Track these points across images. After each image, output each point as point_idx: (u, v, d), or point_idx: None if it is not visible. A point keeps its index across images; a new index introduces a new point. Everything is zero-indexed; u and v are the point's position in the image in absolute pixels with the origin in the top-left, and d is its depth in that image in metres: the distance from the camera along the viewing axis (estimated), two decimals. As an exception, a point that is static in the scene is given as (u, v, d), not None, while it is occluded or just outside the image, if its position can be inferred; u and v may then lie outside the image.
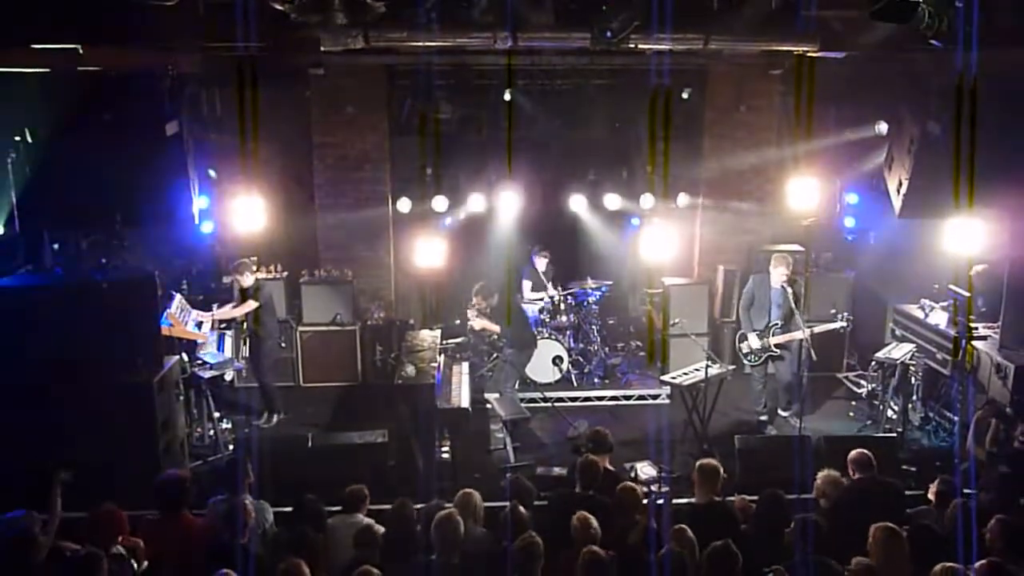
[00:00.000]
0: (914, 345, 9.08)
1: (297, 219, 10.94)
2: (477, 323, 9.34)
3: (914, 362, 9.01)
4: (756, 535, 5.36)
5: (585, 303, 10.84)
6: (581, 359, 10.59)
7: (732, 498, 6.13)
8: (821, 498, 5.95)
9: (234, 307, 9.35)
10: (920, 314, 9.18)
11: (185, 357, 8.50)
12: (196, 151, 8.71)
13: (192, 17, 7.00)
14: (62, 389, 7.13)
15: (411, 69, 9.78)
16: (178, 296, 8.99)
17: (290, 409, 9.60)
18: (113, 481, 6.32)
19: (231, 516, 5.16)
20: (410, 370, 7.84)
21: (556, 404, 9.69)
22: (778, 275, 8.87)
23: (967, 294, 8.52)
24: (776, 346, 8.92)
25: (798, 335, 8.69)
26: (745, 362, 9.29)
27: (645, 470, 7.87)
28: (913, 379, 9.10)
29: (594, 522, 5.08)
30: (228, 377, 9.87)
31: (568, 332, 10.55)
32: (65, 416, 7.10)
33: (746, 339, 9.15)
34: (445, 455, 8.04)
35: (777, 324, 8.92)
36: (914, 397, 9.14)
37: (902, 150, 8.88)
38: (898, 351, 9.01)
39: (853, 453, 6.13)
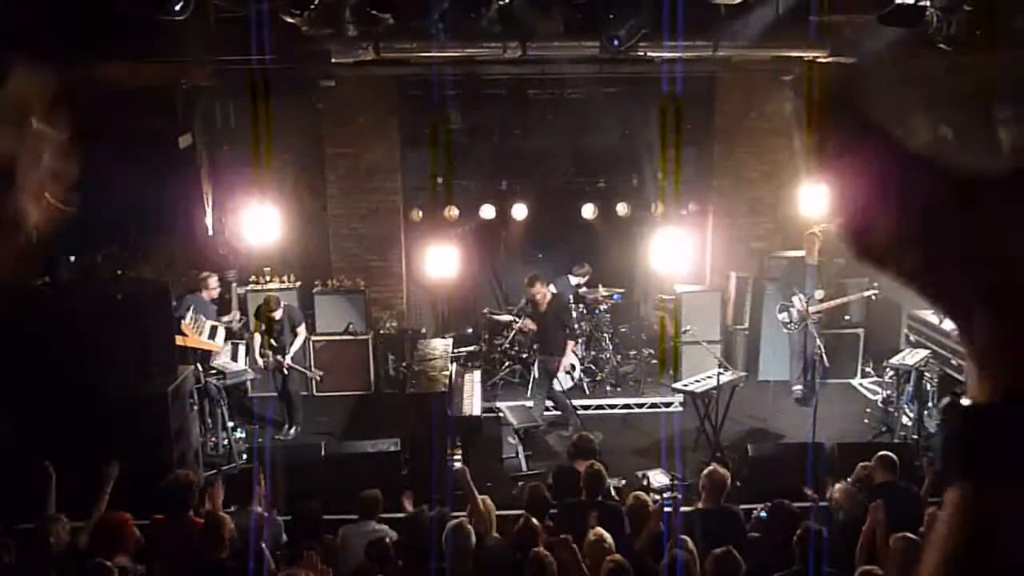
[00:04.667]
0: (929, 351, 9.02)
1: (310, 229, 11.00)
2: (527, 323, 9.54)
3: (929, 368, 8.95)
4: (764, 542, 5.33)
5: (597, 311, 10.83)
6: (593, 367, 10.57)
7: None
8: (839, 511, 5.87)
9: (292, 344, 9.28)
10: (935, 320, 9.11)
11: (199, 367, 8.55)
12: (209, 163, 8.78)
13: (204, 31, 7.06)
14: (76, 399, 7.18)
15: (422, 80, 9.83)
16: (192, 306, 9.04)
17: (304, 418, 9.63)
18: (127, 491, 6.35)
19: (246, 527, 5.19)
20: (423, 379, 7.87)
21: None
22: (809, 251, 9.65)
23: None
24: (815, 314, 9.53)
25: (828, 304, 9.57)
26: (785, 331, 9.90)
27: (657, 478, 7.83)
28: (928, 385, 9.02)
29: (608, 538, 5.03)
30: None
31: (581, 340, 10.53)
32: (79, 425, 7.15)
33: (786, 309, 9.75)
34: (457, 463, 8.04)
35: (814, 296, 9.56)
36: (929, 403, 9.06)
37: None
38: (913, 357, 8.95)
39: (879, 454, 6.10)
